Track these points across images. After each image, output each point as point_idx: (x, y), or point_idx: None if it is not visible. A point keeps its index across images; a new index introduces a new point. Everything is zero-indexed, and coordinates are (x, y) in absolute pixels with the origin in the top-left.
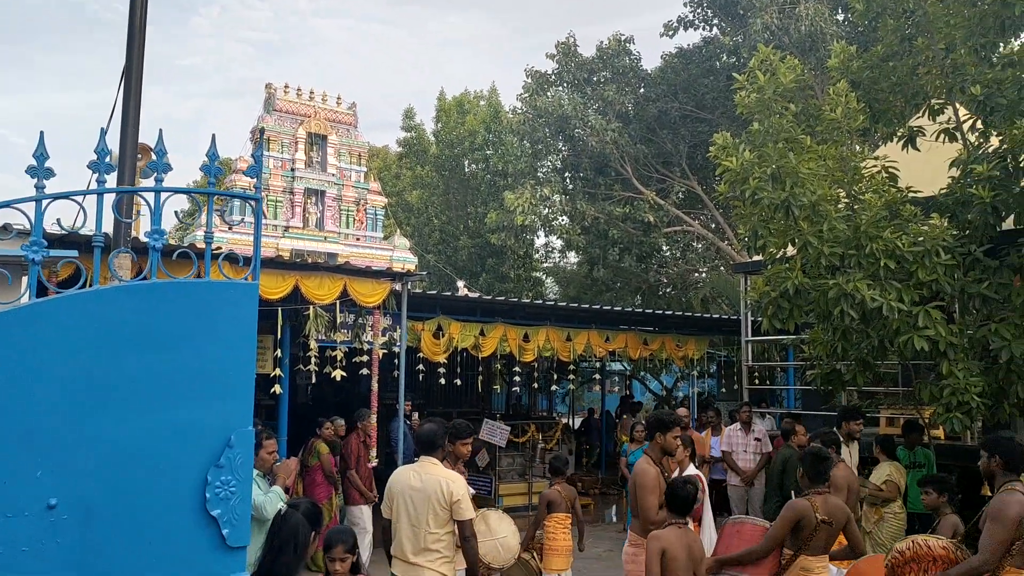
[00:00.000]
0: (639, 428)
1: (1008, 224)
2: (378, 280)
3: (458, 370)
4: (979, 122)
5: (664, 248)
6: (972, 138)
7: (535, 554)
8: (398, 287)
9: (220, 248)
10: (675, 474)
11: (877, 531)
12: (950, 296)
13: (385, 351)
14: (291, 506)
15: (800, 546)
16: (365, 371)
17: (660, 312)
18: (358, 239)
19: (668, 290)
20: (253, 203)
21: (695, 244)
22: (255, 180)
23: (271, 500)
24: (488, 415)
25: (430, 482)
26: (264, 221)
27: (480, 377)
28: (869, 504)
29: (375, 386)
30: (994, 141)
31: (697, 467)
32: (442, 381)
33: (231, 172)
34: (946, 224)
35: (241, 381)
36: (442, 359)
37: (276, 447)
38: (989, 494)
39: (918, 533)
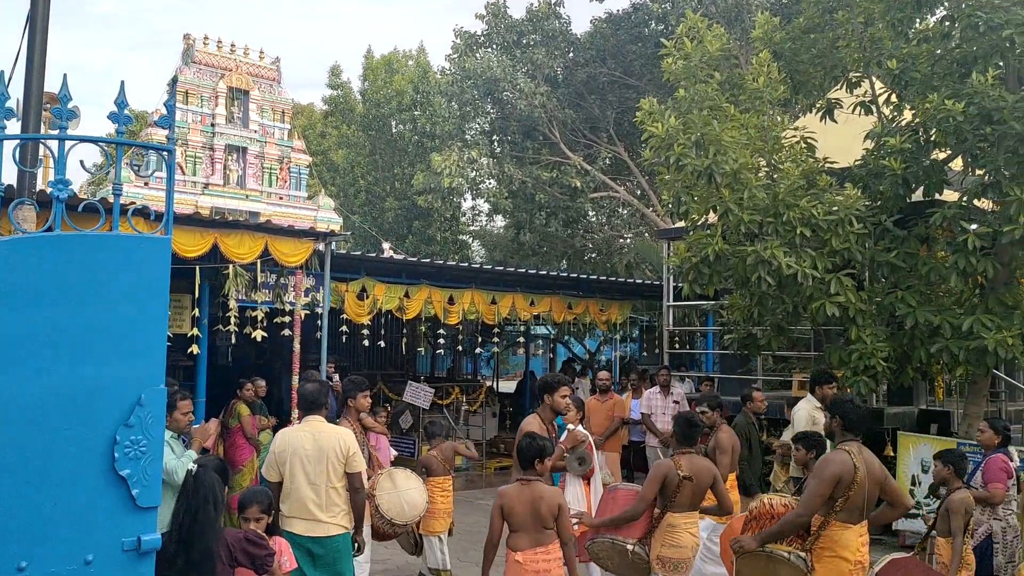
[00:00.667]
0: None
1: (917, 196)
2: (301, 240)
3: (382, 332)
4: (894, 96)
5: (590, 213)
6: (887, 111)
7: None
8: (321, 247)
9: (134, 203)
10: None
11: (785, 490)
12: (861, 264)
13: (308, 312)
14: (201, 465)
15: (667, 504)
16: (287, 332)
17: (584, 276)
18: (281, 198)
19: (594, 255)
20: (166, 155)
21: (621, 210)
22: (168, 131)
23: (183, 465)
24: (412, 377)
25: (325, 439)
26: (182, 177)
27: (404, 339)
28: (779, 464)
29: (297, 347)
30: (907, 115)
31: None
32: (366, 343)
33: (147, 126)
34: (859, 194)
35: (152, 338)
36: (366, 321)
37: (192, 408)
38: (892, 454)
39: None
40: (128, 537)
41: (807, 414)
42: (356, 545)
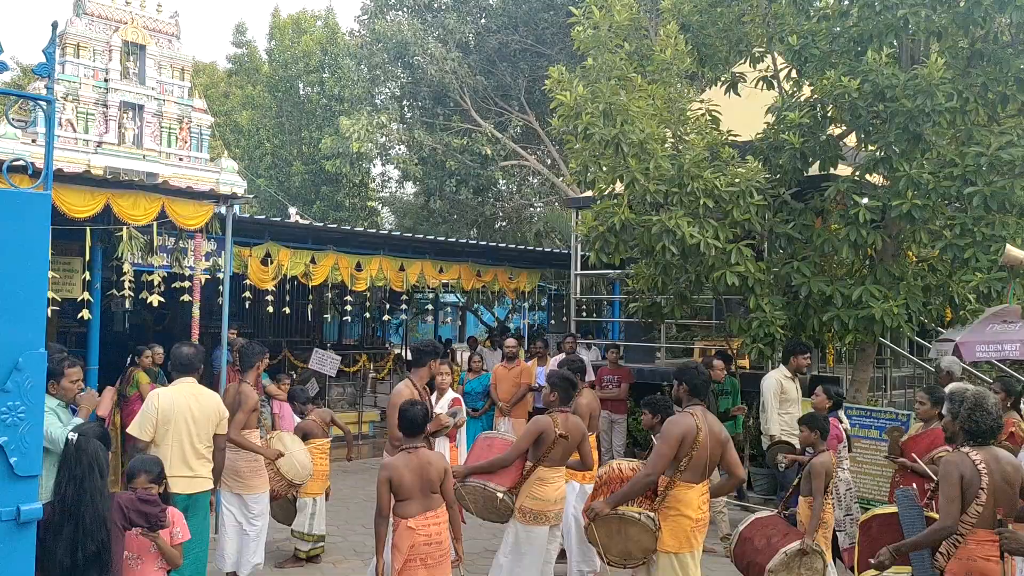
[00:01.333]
0: (476, 359)
1: (814, 170)
2: (200, 202)
3: (287, 298)
4: (794, 71)
5: (501, 182)
6: (787, 87)
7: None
8: (222, 210)
9: (17, 159)
10: (437, 400)
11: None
12: (760, 235)
13: (208, 277)
14: (81, 433)
15: (540, 457)
16: (187, 298)
17: (494, 245)
18: (181, 159)
19: (504, 223)
20: (45, 105)
21: (531, 179)
22: (47, 80)
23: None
24: (319, 345)
25: (207, 401)
26: (74, 135)
27: (311, 306)
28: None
29: (196, 313)
30: (806, 90)
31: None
32: (270, 309)
33: (35, 80)
34: (760, 167)
35: (31, 300)
36: (271, 287)
37: (82, 376)
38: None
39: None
40: (6, 507)
41: (775, 382)
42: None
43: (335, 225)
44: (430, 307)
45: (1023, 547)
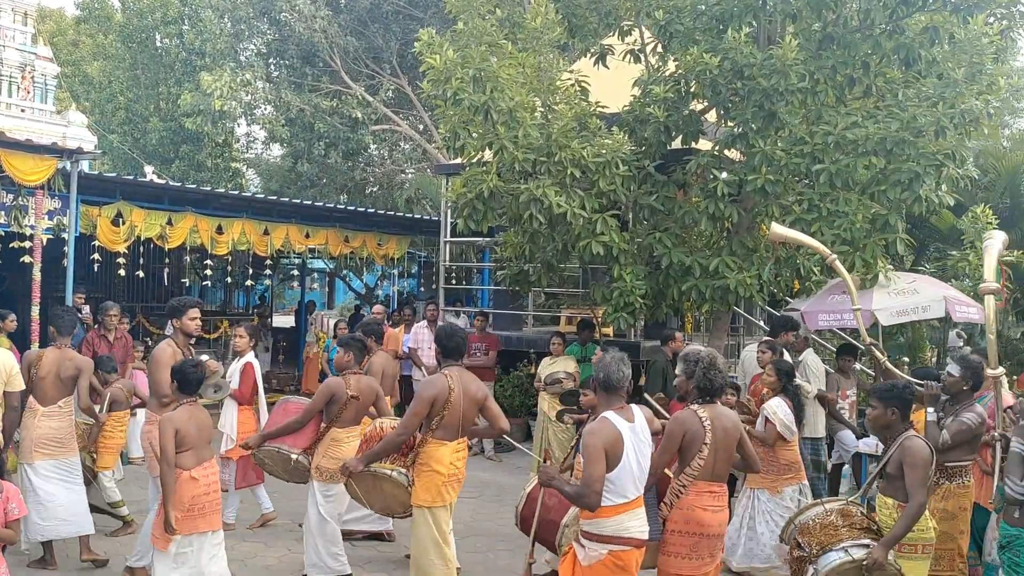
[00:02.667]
0: (342, 326)
1: (677, 144)
2: (41, 156)
3: (141, 261)
4: (660, 46)
5: (372, 146)
6: (653, 61)
7: (92, 454)
8: (67, 166)
9: None
10: (233, 361)
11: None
12: (625, 206)
13: (51, 237)
14: None
15: (333, 418)
16: (27, 259)
17: (362, 210)
18: (23, 110)
19: (375, 189)
20: None
21: (403, 144)
22: None
23: None
24: None
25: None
26: None
27: (168, 270)
28: (552, 395)
29: (38, 275)
30: (671, 66)
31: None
32: (122, 272)
33: None
34: (626, 139)
35: None
36: (123, 249)
37: None
38: (643, 383)
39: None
40: None
41: (755, 354)
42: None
43: (194, 185)
44: (296, 272)
45: None
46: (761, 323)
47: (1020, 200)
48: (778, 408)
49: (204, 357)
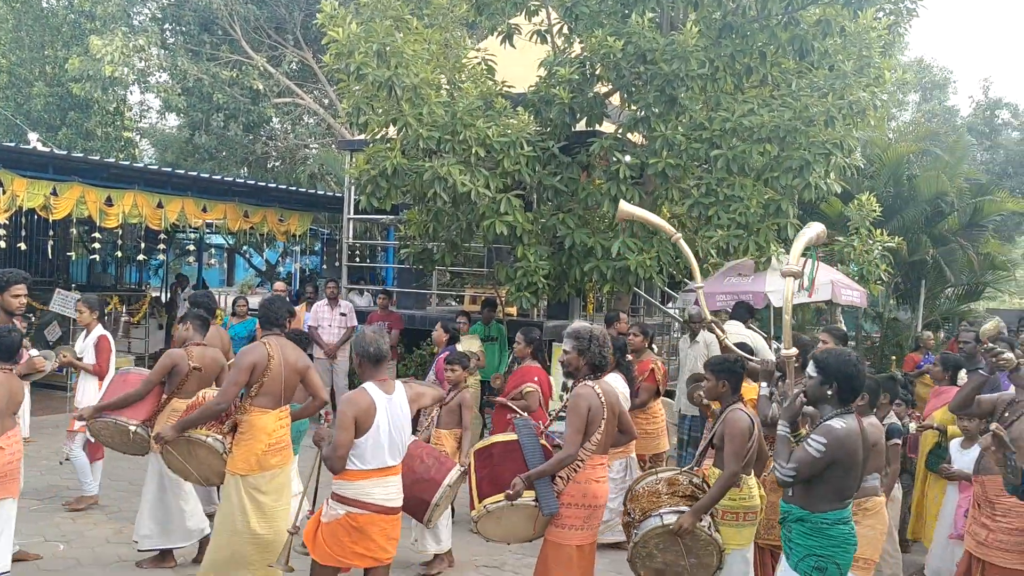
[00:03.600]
0: (241, 303)
1: (581, 126)
2: None
3: (23, 233)
4: (566, 27)
5: (274, 120)
6: (559, 42)
7: None
8: None
9: None
10: (83, 335)
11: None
12: (529, 186)
13: None
14: None
15: (174, 389)
16: None
17: (263, 184)
18: None
19: (277, 164)
20: None
21: (307, 119)
22: None
23: None
24: (63, 285)
25: None
26: None
27: (52, 243)
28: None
29: None
30: (576, 48)
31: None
32: (2, 244)
33: None
34: (531, 119)
35: None
36: (2, 220)
37: None
38: (548, 363)
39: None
40: None
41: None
42: None
43: (82, 154)
44: (192, 248)
45: None
46: (660, 304)
47: (903, 189)
48: (616, 383)
49: (34, 352)
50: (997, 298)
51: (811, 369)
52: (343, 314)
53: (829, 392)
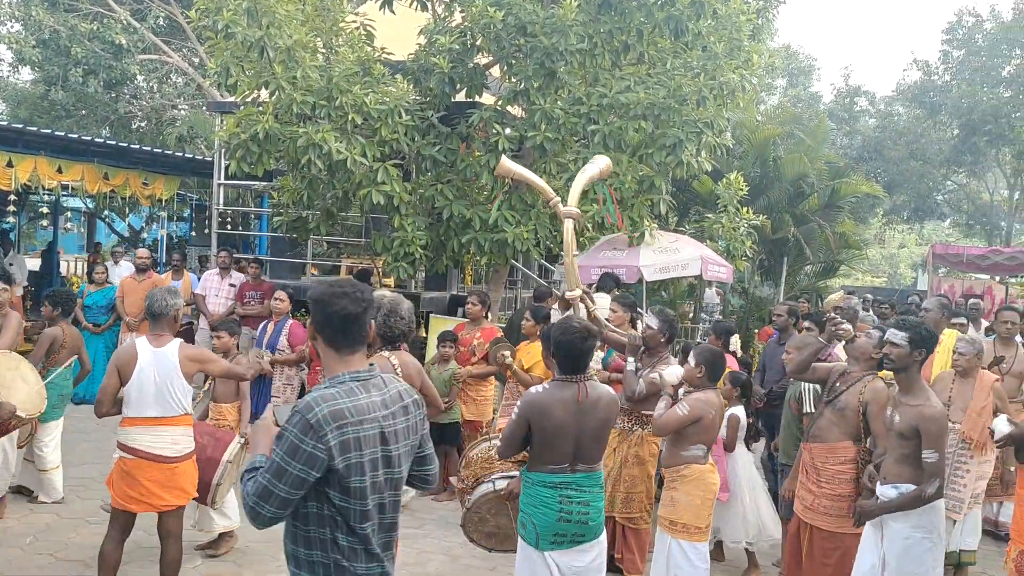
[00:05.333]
0: (100, 270)
1: (461, 96)
2: None
3: None
4: None
5: (139, 77)
6: (440, 10)
7: None
8: None
9: None
10: None
11: None
12: (408, 156)
13: None
14: None
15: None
16: None
17: (125, 144)
18: None
19: (142, 124)
20: None
21: (174, 77)
22: None
23: None
24: None
25: None
26: None
27: None
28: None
29: None
30: (457, 17)
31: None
32: None
33: None
34: (410, 88)
35: None
36: None
37: None
38: (425, 335)
39: None
40: None
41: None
42: None
43: None
44: (47, 211)
45: None
46: (538, 277)
47: (768, 170)
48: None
49: None
50: (851, 275)
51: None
52: (232, 285)
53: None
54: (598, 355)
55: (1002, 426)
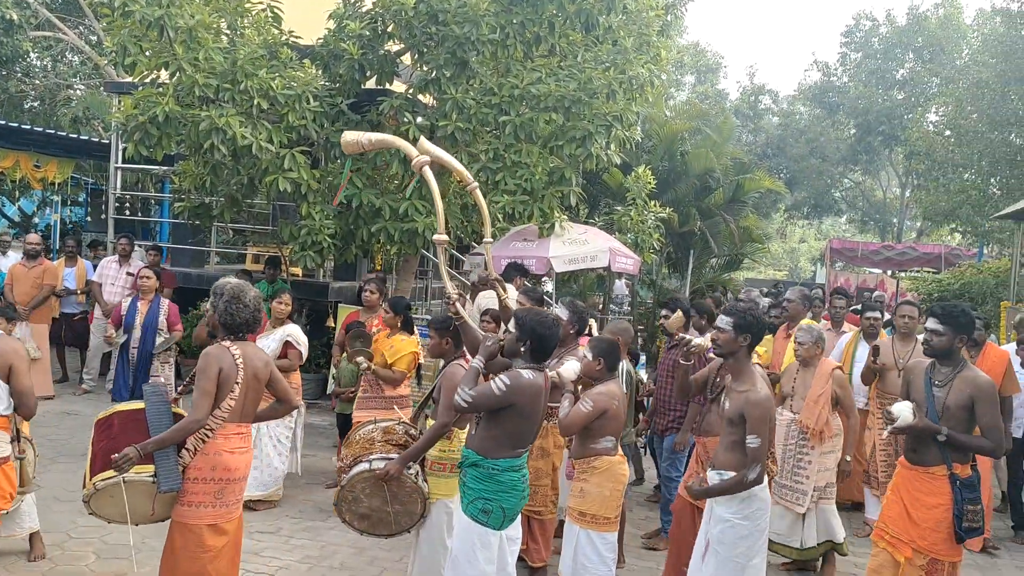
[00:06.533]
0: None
1: (372, 83)
2: None
3: None
4: None
5: (31, 54)
6: None
7: None
8: None
9: None
10: None
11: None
12: (316, 143)
13: None
14: None
15: None
16: None
17: (14, 125)
18: None
19: (34, 104)
20: None
21: (70, 56)
22: None
23: None
24: None
25: None
26: None
27: None
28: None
29: None
30: (368, 2)
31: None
32: None
33: None
34: (318, 73)
35: None
36: None
37: None
38: (333, 325)
39: None
40: None
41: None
42: None
43: None
44: None
45: None
46: (447, 267)
47: (676, 164)
48: (299, 335)
49: None
50: (755, 268)
51: (512, 325)
52: (130, 274)
53: (523, 348)
54: None
55: (905, 413)
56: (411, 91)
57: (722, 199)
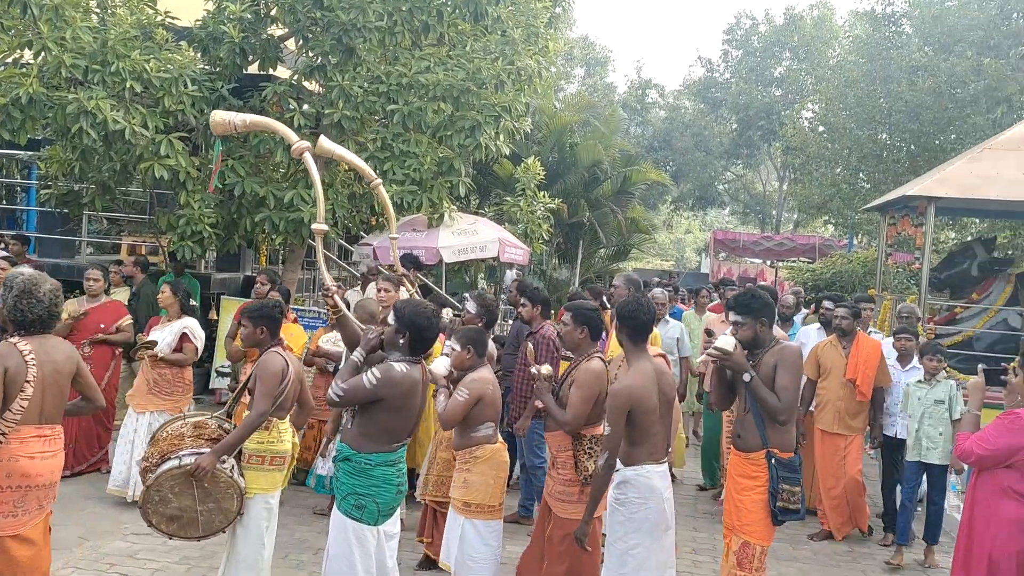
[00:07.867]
0: None
1: (254, 69)
2: None
3: None
4: None
5: None
6: None
7: None
8: None
9: None
10: None
11: None
12: (195, 128)
13: None
14: None
15: None
16: None
17: None
18: None
19: None
20: None
21: None
22: None
23: None
24: None
25: None
26: None
27: None
28: None
29: None
30: None
31: None
32: None
33: None
34: (197, 56)
35: None
36: None
37: None
38: (216, 317)
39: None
40: None
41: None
42: None
43: None
44: None
45: None
46: (338, 258)
47: (566, 156)
48: (196, 328)
49: None
50: (642, 259)
51: (391, 317)
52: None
53: (401, 340)
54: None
55: (725, 340)
56: (296, 77)
57: (610, 190)
